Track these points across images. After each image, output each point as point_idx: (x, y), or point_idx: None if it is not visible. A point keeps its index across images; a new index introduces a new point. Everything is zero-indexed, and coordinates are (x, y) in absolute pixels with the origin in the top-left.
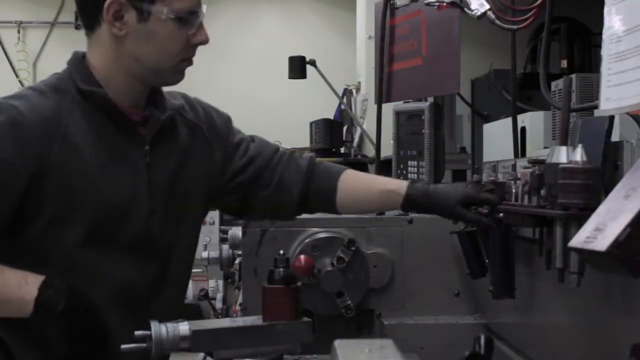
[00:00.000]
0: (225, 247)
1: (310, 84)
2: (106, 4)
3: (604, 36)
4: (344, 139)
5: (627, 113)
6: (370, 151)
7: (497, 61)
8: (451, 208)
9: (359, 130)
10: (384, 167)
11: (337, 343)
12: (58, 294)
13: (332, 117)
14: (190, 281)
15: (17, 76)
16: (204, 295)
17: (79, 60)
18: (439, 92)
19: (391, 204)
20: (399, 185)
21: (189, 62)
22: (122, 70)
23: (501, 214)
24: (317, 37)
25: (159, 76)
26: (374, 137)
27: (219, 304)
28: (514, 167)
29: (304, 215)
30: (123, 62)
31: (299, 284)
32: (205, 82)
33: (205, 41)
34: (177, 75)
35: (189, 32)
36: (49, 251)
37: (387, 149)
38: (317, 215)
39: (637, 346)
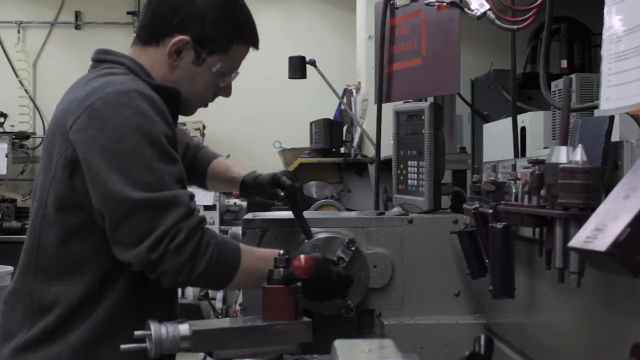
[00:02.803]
0: None
1: (310, 84)
2: (175, 38)
3: (604, 36)
4: (344, 139)
5: (627, 113)
6: (370, 151)
7: (497, 61)
8: (264, 187)
9: (359, 130)
10: (384, 167)
11: (337, 343)
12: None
13: (332, 117)
14: None
15: (17, 76)
16: (204, 295)
17: (134, 61)
18: (439, 92)
19: (235, 186)
20: (240, 173)
21: (205, 106)
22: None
23: None
24: (317, 37)
25: (182, 105)
26: (374, 137)
27: (219, 304)
28: (514, 167)
29: (305, 216)
30: (167, 80)
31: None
32: None
33: (227, 97)
34: (193, 112)
35: (220, 85)
36: None
37: (387, 149)
38: (317, 215)
39: (637, 346)
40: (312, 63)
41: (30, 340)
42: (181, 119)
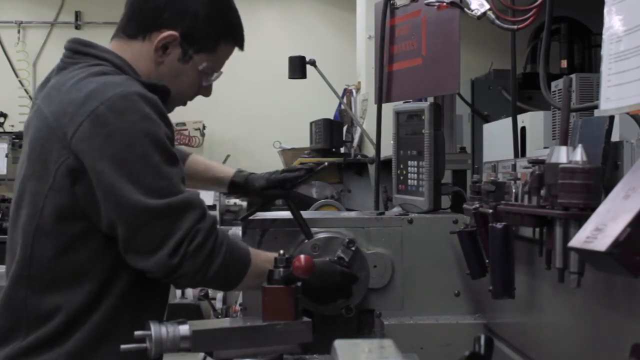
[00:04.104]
0: None
1: (310, 84)
2: (164, 33)
3: (604, 36)
4: (344, 139)
5: (627, 113)
6: (370, 151)
7: (497, 61)
8: (260, 187)
9: (359, 130)
10: (384, 167)
11: (337, 343)
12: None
13: (332, 117)
14: None
15: (17, 76)
16: (204, 295)
17: (119, 57)
18: (439, 92)
19: (222, 187)
20: (227, 173)
21: (184, 104)
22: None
23: None
24: (317, 37)
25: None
26: (374, 137)
27: (219, 304)
28: (514, 167)
29: (305, 216)
30: (151, 76)
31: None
32: None
33: (207, 96)
34: (171, 110)
35: (203, 84)
36: None
37: (387, 149)
38: (318, 215)
39: (637, 346)
40: (312, 63)
41: (26, 347)
42: (181, 118)
